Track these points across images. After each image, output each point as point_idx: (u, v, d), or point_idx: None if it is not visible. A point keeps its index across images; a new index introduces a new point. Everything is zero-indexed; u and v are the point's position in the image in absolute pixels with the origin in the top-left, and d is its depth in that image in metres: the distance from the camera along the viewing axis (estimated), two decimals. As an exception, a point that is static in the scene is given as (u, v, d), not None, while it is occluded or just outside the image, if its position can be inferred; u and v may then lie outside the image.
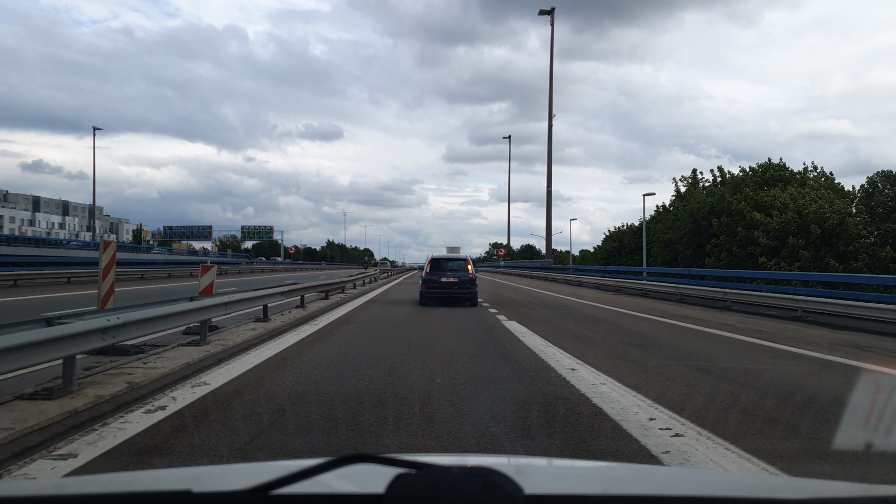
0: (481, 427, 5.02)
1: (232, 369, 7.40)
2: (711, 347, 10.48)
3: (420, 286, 18.91)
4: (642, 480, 1.73)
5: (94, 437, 4.54)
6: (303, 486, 1.18)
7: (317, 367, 7.77)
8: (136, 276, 35.91)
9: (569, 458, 4.28)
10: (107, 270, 9.68)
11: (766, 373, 7.93)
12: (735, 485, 1.75)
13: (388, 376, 7.17)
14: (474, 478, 1.12)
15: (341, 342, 10.13)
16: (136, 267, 40.47)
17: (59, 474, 3.53)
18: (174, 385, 6.41)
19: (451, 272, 18.34)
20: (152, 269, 41.46)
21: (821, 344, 11.03)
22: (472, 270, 18.58)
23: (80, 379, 6.06)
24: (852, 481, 3.80)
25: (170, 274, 40.88)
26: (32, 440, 4.39)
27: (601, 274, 38.89)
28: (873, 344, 11.44)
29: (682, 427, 5.09)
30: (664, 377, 7.46)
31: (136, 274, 36.54)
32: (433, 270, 18.32)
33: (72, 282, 29.29)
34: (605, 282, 32.08)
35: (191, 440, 4.56)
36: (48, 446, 4.29)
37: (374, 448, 4.36)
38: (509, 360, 8.53)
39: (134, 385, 6.16)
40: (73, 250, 51.99)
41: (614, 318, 15.63)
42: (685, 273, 28.20)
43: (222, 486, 1.39)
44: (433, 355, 8.77)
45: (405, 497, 1.11)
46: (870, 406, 6.07)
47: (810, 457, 4.46)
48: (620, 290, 28.15)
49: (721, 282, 25.35)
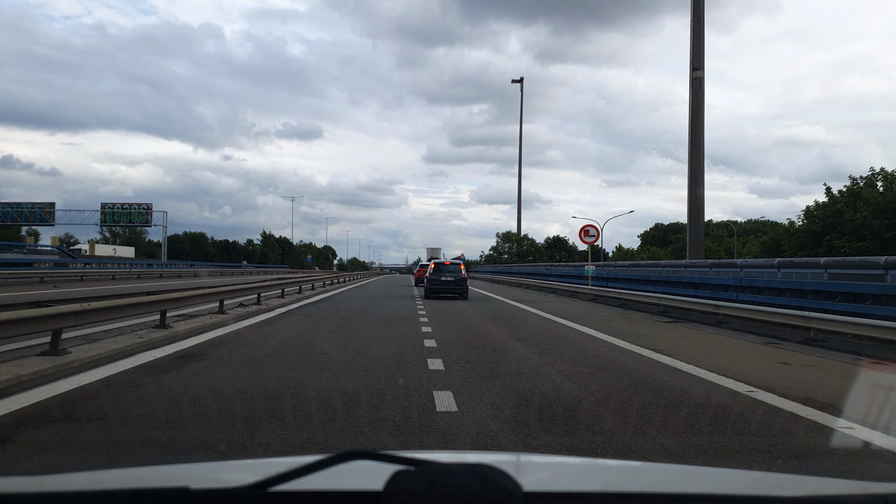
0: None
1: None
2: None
3: (425, 283, 25.97)
4: (641, 477, 1.73)
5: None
6: (301, 482, 1.18)
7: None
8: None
9: (568, 455, 4.28)
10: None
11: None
12: (734, 482, 1.75)
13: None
14: (473, 475, 1.12)
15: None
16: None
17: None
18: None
19: (449, 273, 24.87)
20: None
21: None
22: (465, 272, 25.39)
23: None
24: (851, 479, 3.81)
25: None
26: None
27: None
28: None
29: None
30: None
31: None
32: (435, 273, 25.09)
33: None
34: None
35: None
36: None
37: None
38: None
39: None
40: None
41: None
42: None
43: (220, 482, 1.38)
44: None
45: (404, 494, 1.11)
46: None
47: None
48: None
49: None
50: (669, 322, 15.55)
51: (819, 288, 14.21)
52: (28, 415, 5.09)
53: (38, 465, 3.87)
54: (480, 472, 1.12)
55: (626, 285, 25.08)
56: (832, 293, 13.48)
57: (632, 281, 25.84)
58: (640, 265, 30.82)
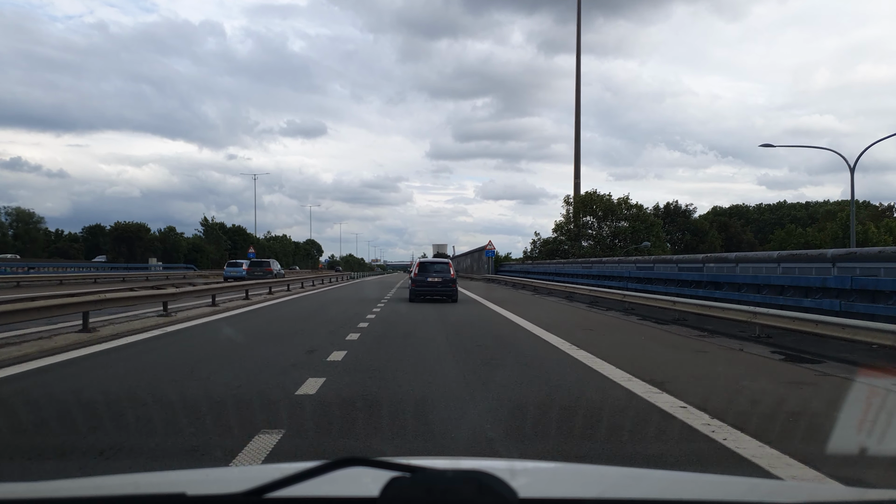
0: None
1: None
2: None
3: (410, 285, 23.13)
4: (637, 484, 1.73)
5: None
6: (297, 489, 1.18)
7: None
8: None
9: (564, 461, 4.27)
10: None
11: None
12: (730, 488, 1.75)
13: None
14: (468, 481, 1.12)
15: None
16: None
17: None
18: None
19: (435, 273, 22.52)
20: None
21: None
22: (454, 272, 23.12)
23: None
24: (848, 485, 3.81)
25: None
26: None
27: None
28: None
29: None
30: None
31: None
32: (420, 273, 22.61)
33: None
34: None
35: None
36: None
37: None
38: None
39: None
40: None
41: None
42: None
43: (217, 489, 1.39)
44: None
45: (399, 500, 1.11)
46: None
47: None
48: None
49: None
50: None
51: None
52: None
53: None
54: (476, 478, 1.12)
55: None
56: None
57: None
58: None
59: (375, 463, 1.21)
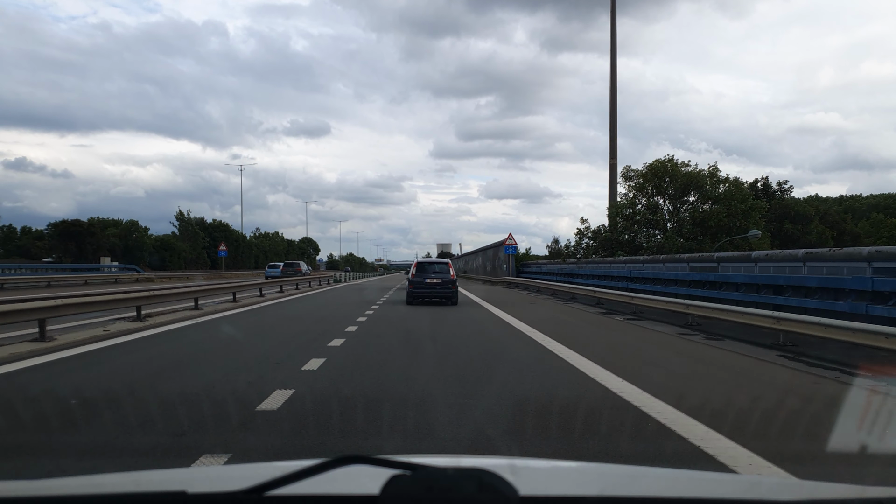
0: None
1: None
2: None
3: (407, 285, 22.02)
4: (638, 481, 1.73)
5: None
6: (298, 487, 1.18)
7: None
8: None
9: (564, 458, 4.27)
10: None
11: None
12: (731, 486, 1.75)
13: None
14: (469, 479, 1.12)
15: None
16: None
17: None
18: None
19: (434, 274, 21.54)
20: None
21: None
22: (454, 273, 21.97)
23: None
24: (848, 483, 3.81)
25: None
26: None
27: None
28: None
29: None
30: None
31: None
32: (418, 274, 21.55)
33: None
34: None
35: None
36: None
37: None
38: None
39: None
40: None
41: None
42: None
43: (217, 486, 1.39)
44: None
45: (400, 498, 1.11)
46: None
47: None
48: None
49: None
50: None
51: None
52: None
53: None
54: (476, 476, 1.12)
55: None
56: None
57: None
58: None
59: (376, 461, 1.21)
